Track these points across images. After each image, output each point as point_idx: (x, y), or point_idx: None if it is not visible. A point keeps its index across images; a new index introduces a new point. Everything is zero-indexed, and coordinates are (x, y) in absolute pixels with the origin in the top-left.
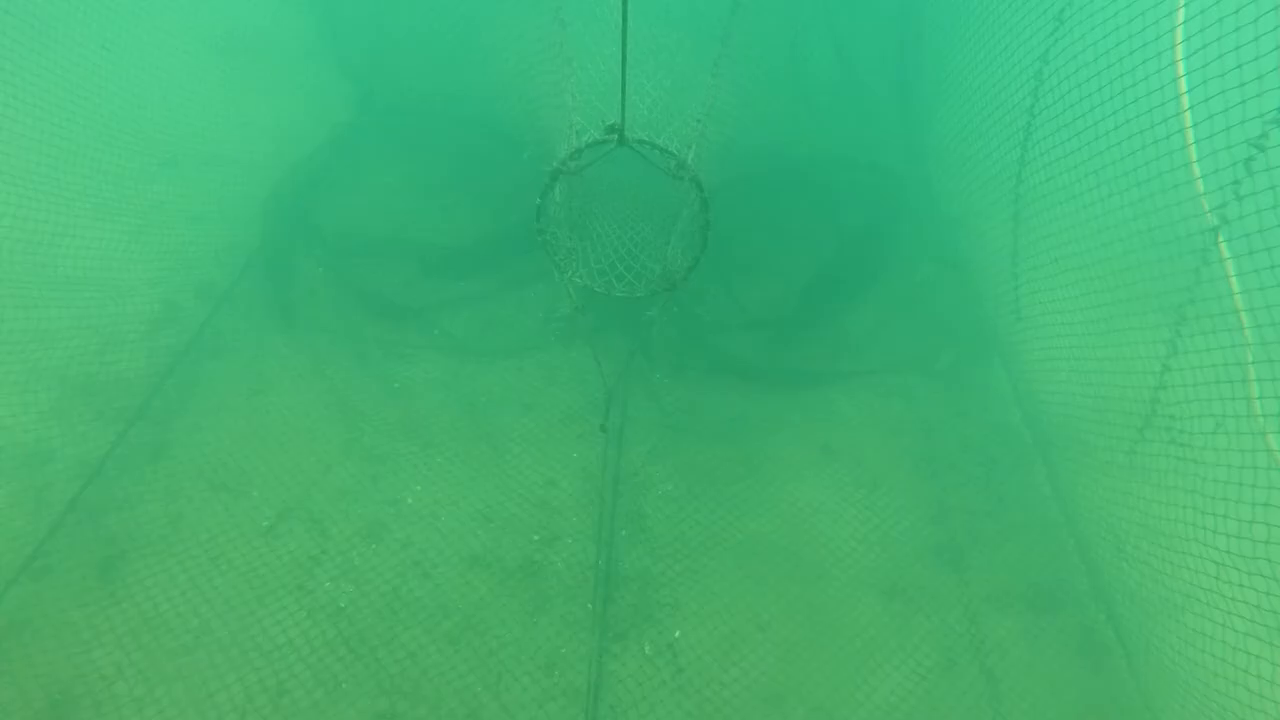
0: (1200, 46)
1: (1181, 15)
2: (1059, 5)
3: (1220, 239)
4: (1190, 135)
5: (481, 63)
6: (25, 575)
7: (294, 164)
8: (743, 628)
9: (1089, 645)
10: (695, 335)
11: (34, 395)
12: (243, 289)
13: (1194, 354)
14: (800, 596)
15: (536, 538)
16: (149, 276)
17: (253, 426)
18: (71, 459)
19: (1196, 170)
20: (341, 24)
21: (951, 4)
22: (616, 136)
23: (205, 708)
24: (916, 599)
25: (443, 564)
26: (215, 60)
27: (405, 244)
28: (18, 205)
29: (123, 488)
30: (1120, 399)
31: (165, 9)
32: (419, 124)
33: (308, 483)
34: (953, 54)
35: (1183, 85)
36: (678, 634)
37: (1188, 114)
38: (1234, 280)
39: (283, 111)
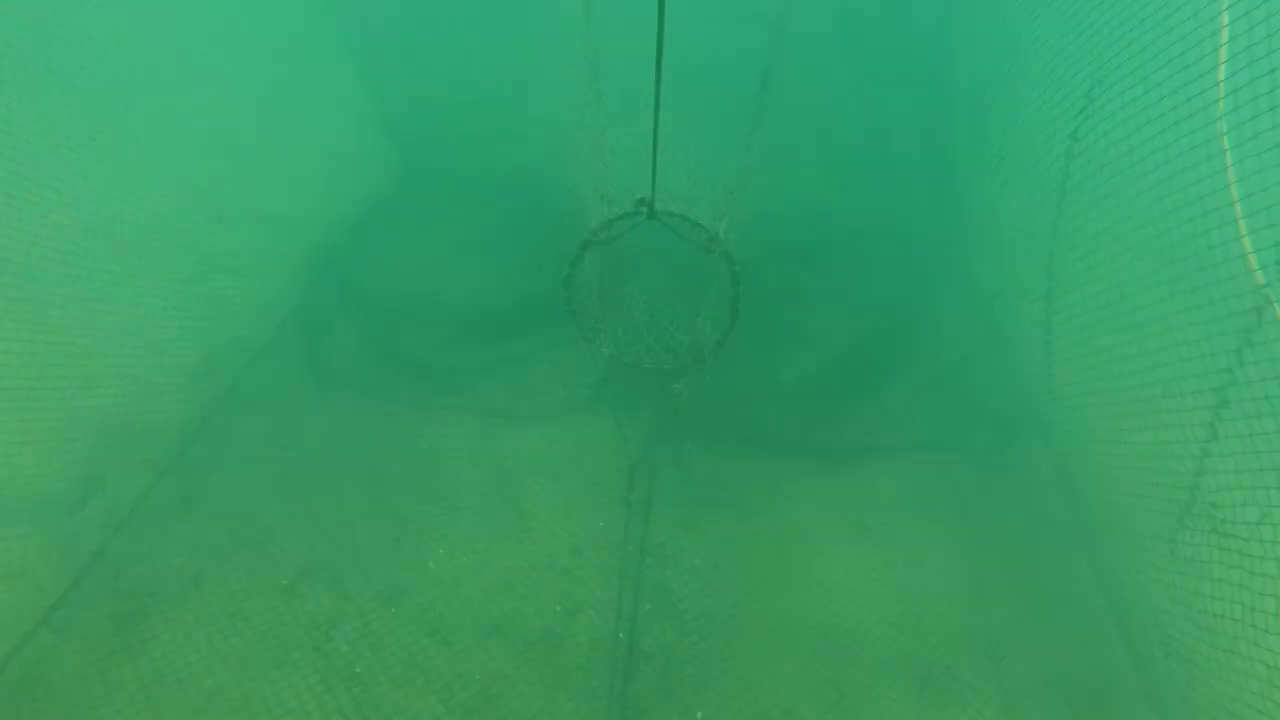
0: (1238, 124)
1: (1222, 90)
2: (1088, 84)
3: (1263, 319)
4: (1237, 210)
5: (520, 132)
6: (45, 627)
7: (335, 223)
8: (768, 711)
9: None
10: (726, 406)
11: (70, 443)
12: (279, 345)
13: (1236, 439)
14: (828, 680)
15: (559, 608)
16: (189, 329)
17: (281, 482)
18: (100, 509)
19: (1247, 244)
20: (388, 89)
21: (983, 78)
22: (647, 210)
23: None
24: (950, 689)
25: (462, 631)
26: (264, 120)
27: (439, 306)
28: (69, 256)
29: (148, 540)
30: (1159, 483)
31: (221, 72)
32: (457, 189)
33: (330, 542)
34: (985, 128)
35: (1228, 159)
36: (700, 715)
37: (1235, 187)
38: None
39: (327, 172)
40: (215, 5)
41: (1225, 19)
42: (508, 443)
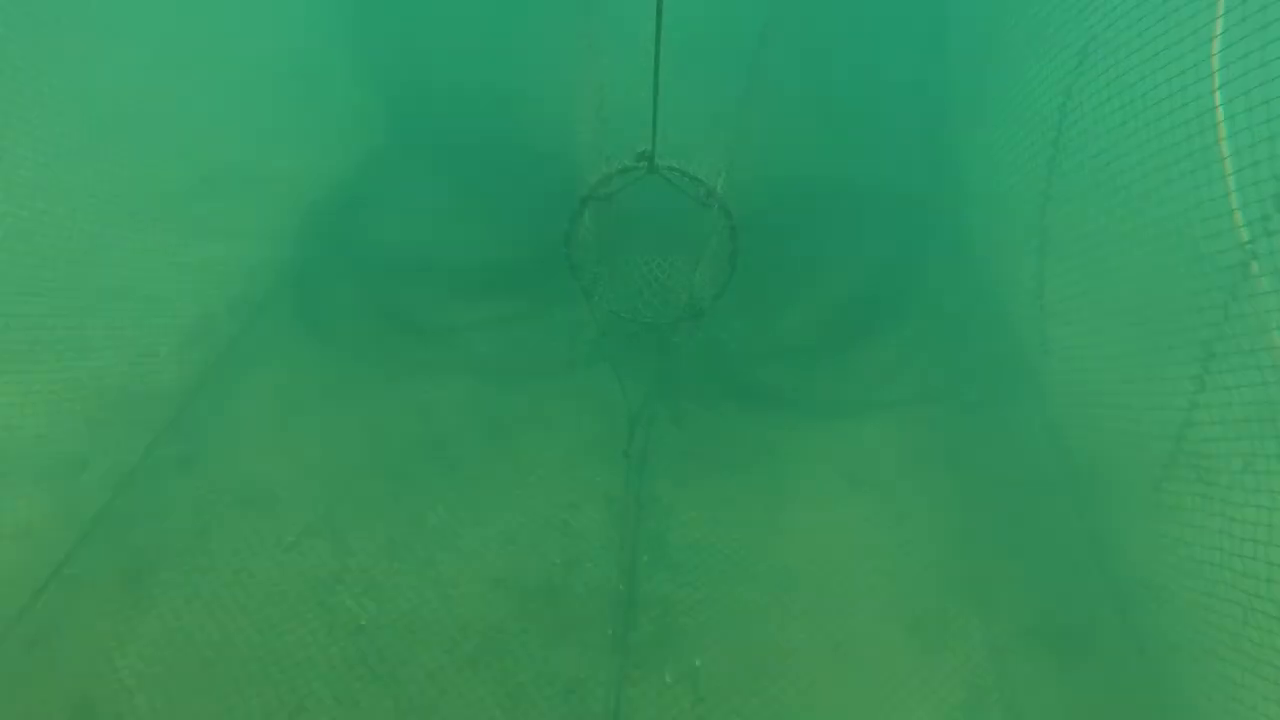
0: (1230, 79)
1: (1217, 45)
2: (1082, 40)
3: (1251, 273)
4: (1226, 166)
5: (516, 88)
6: (54, 583)
7: (329, 183)
8: (765, 658)
9: (1119, 687)
10: (722, 362)
11: (70, 404)
12: (275, 305)
13: (1222, 391)
14: (823, 628)
15: (558, 561)
16: (185, 290)
17: (280, 442)
18: (103, 469)
19: (1234, 202)
20: (379, 48)
21: (978, 36)
22: (646, 164)
23: None
24: (942, 634)
25: (463, 584)
26: (255, 80)
27: (436, 264)
28: (63, 218)
29: (151, 499)
30: (1147, 435)
31: (210, 31)
32: (453, 147)
33: (332, 499)
34: (980, 86)
35: (1219, 116)
36: (699, 662)
37: (1224, 144)
38: (1266, 316)
39: (320, 132)
40: None
41: None
42: (506, 398)
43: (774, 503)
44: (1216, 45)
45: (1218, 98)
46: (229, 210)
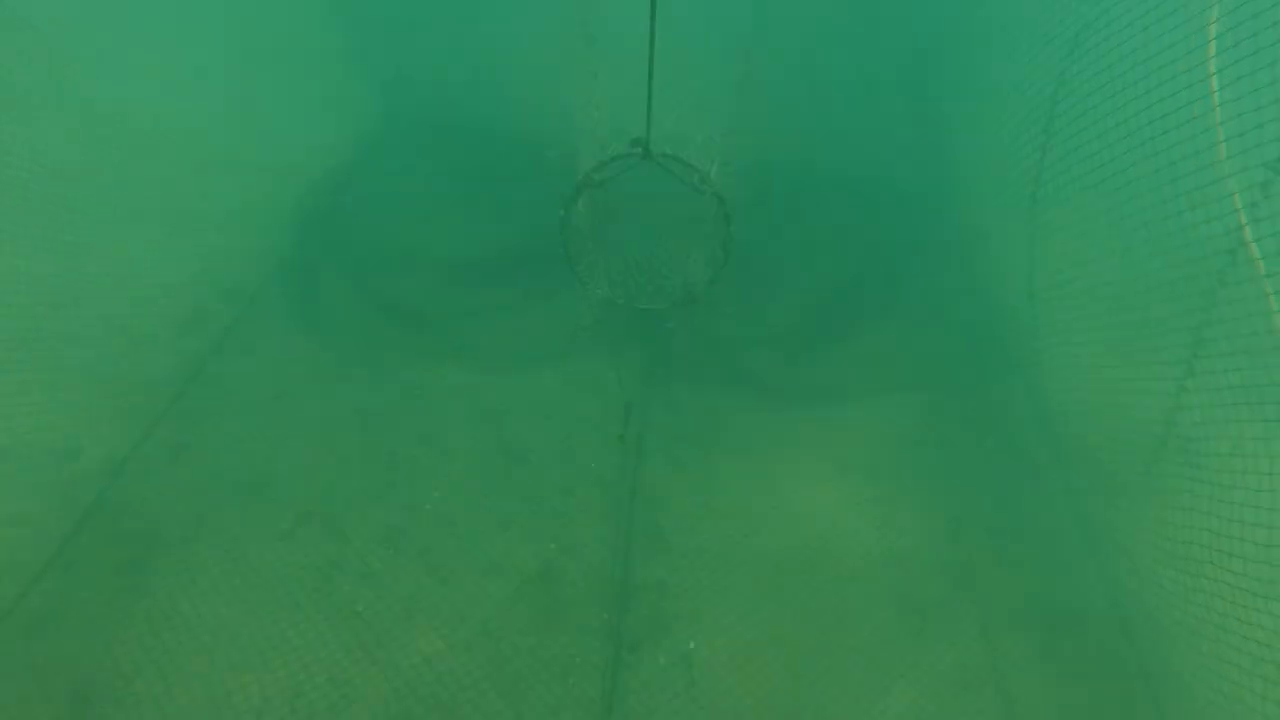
0: (1220, 68)
1: (1213, 30)
2: (1075, 28)
3: (1237, 261)
4: (1222, 151)
5: (510, 76)
6: (51, 570)
7: (323, 173)
8: (758, 641)
9: (1107, 667)
10: (715, 348)
11: (63, 394)
12: (269, 294)
13: (1210, 375)
14: (816, 611)
15: (553, 546)
16: (178, 280)
17: (274, 429)
18: (97, 458)
19: (1223, 189)
20: (371, 36)
21: (971, 25)
22: (641, 150)
23: (222, 707)
24: (932, 617)
25: (460, 570)
26: (248, 69)
27: (429, 253)
28: (54, 207)
29: (146, 487)
30: (1137, 419)
31: (199, 19)
32: (446, 135)
33: (327, 486)
34: (971, 74)
35: (1215, 99)
36: (692, 645)
37: (1220, 128)
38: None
39: (313, 121)
40: None
41: None
42: (500, 385)
43: (766, 487)
44: (1213, 30)
45: (1215, 83)
46: (223, 199)
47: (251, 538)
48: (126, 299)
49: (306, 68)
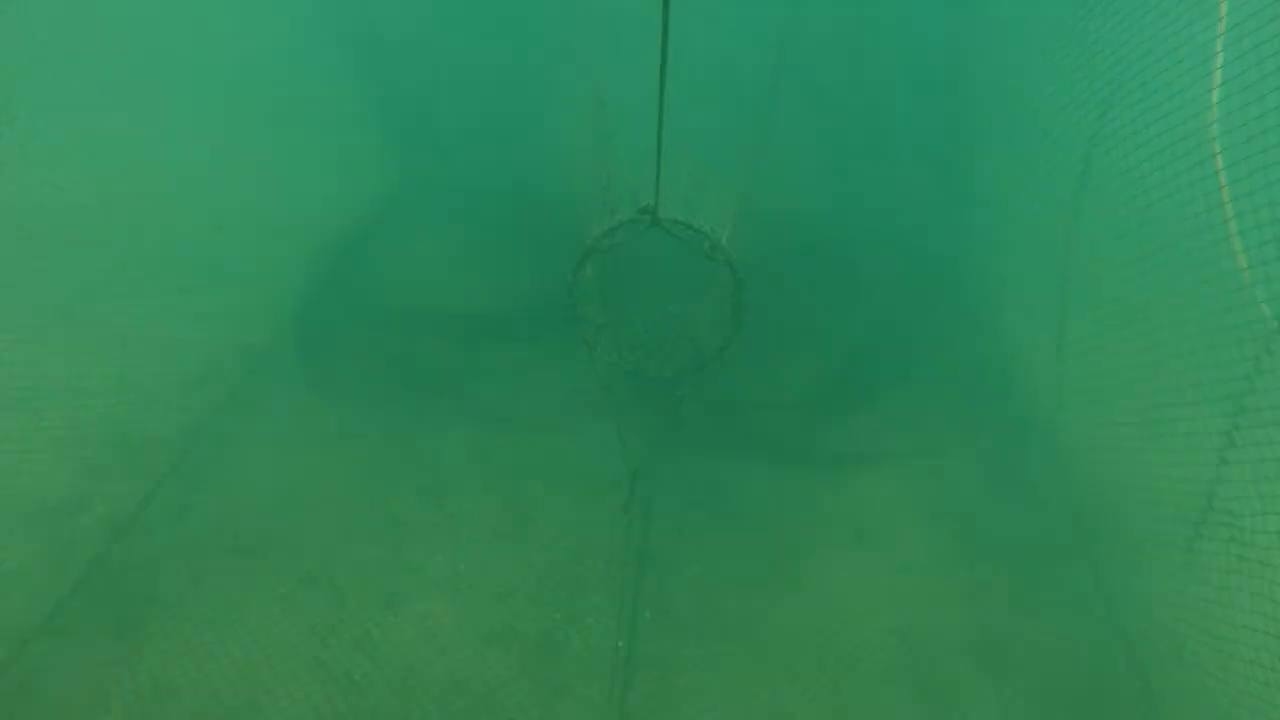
0: (1240, 122)
1: (1215, 96)
2: (1106, 90)
3: None
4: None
5: (523, 138)
6: (43, 633)
7: (336, 231)
8: None
9: None
10: (727, 414)
11: (70, 450)
12: (279, 351)
13: (1254, 447)
14: (828, 690)
15: (558, 616)
16: (188, 336)
17: (279, 489)
18: (100, 516)
19: (1246, 277)
20: (388, 96)
21: (995, 88)
22: (650, 217)
23: None
24: (951, 699)
25: (460, 639)
26: (264, 126)
27: (440, 312)
28: (70, 262)
29: (147, 547)
30: (1173, 492)
31: (220, 77)
32: (459, 196)
33: (330, 549)
34: (998, 133)
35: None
36: None
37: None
38: None
39: (328, 179)
40: (213, 9)
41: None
42: (508, 449)
43: (778, 557)
44: (1215, 96)
45: (1217, 148)
46: (235, 256)
47: (250, 600)
48: (138, 355)
49: (324, 126)
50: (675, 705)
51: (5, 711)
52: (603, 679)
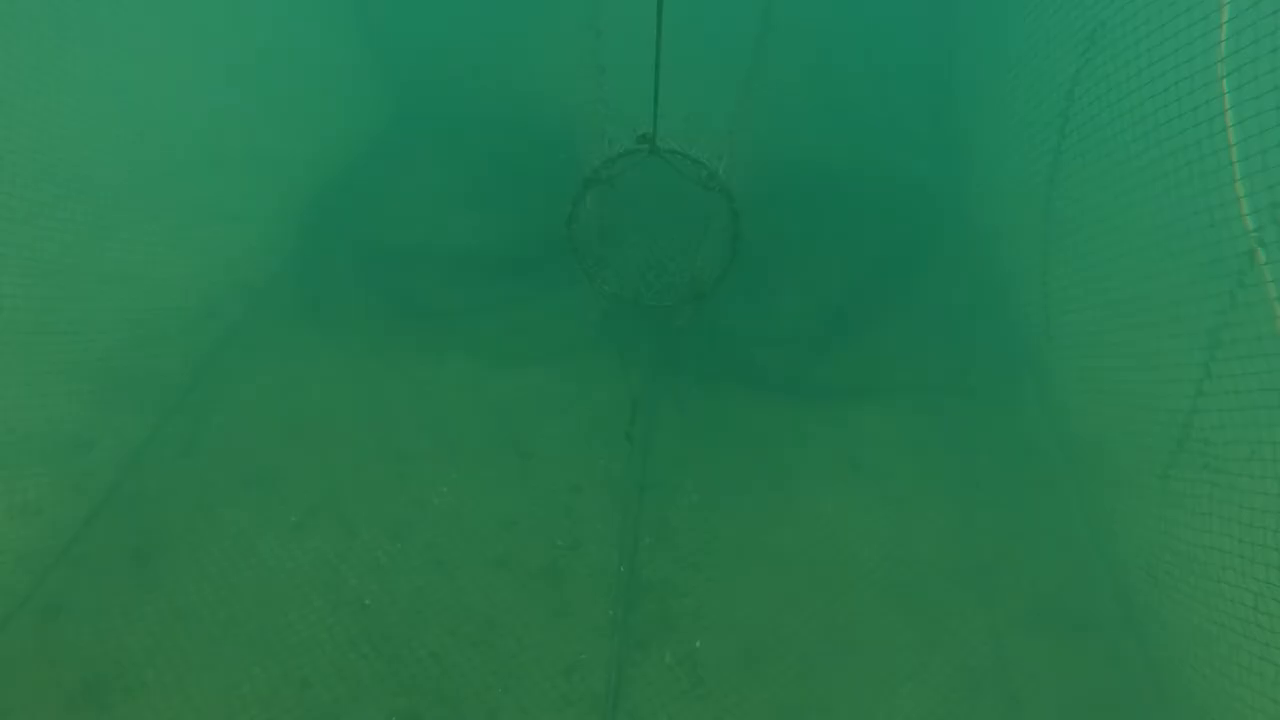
0: (1239, 66)
1: (1224, 32)
2: (1090, 25)
3: (1258, 261)
4: (1233, 154)
5: (518, 71)
6: (64, 561)
7: (335, 167)
8: (764, 640)
9: (1118, 672)
10: (724, 347)
11: (77, 385)
12: (279, 288)
13: (1228, 378)
14: (823, 611)
15: (560, 543)
16: (190, 273)
17: (283, 424)
18: (110, 449)
19: (1239, 190)
20: (382, 32)
21: (984, 20)
22: (648, 146)
23: (230, 698)
24: (941, 618)
25: (467, 565)
26: (262, 64)
27: (439, 248)
28: (69, 202)
29: (158, 479)
30: (1153, 421)
31: (214, 17)
32: (455, 130)
33: (336, 480)
34: (985, 70)
35: (1226, 103)
36: (699, 644)
37: (1232, 131)
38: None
39: (324, 116)
40: None
41: None
42: (508, 381)
43: (775, 486)
44: (1224, 33)
45: (1224, 85)
46: (232, 194)
47: (260, 531)
48: (140, 292)
49: (322, 64)
50: (676, 626)
51: (35, 636)
52: (605, 602)
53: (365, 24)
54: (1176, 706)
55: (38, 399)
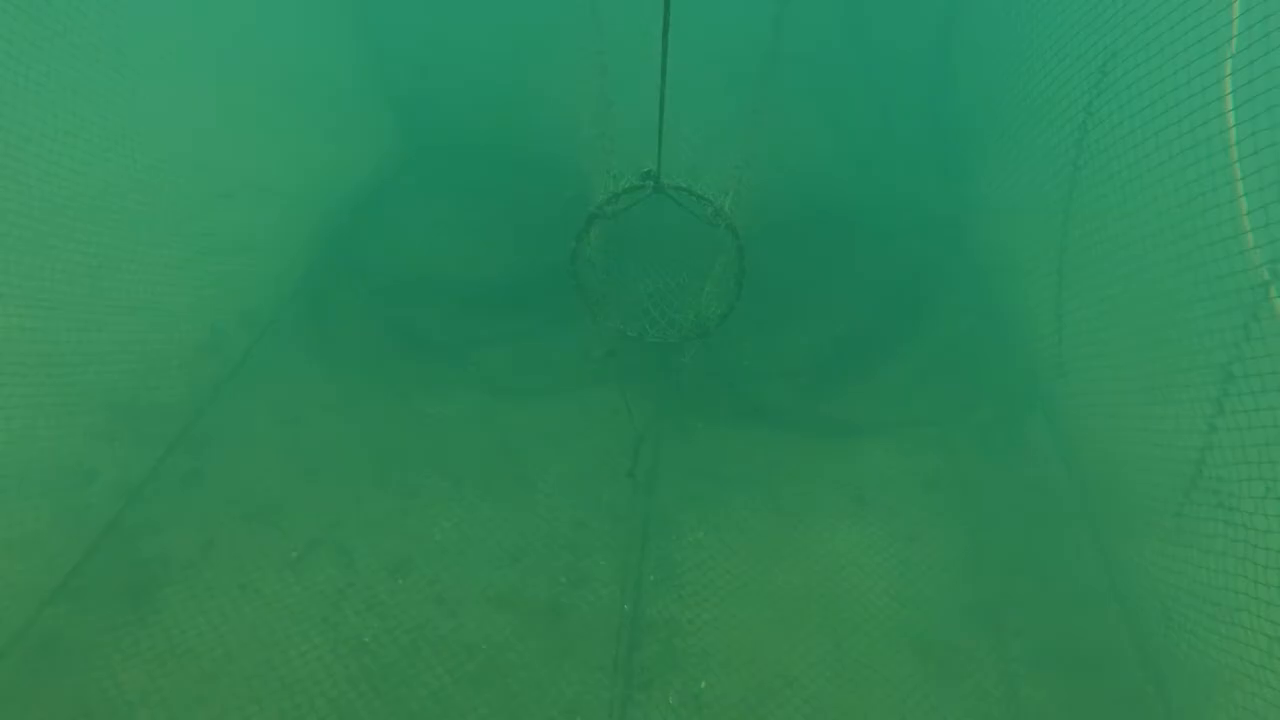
0: (1249, 98)
1: (1229, 67)
2: (1102, 57)
3: (1271, 295)
4: (1240, 189)
5: (525, 105)
6: (61, 595)
7: (340, 198)
8: (770, 681)
9: (1134, 714)
10: (730, 382)
11: (80, 417)
12: (285, 320)
13: (1242, 414)
14: (830, 651)
15: (564, 580)
16: (195, 304)
17: (286, 456)
18: (111, 482)
19: (1246, 224)
20: (391, 64)
21: (993, 53)
22: (653, 183)
23: None
24: (951, 659)
25: (468, 602)
26: (268, 95)
27: (444, 280)
28: (76, 230)
29: (158, 512)
30: (1166, 458)
31: (226, 48)
32: (462, 163)
33: (337, 514)
34: (995, 102)
35: (1233, 136)
36: (704, 685)
37: (1244, 164)
38: None
39: (332, 147)
40: None
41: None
42: (513, 416)
43: (781, 523)
44: (1229, 67)
45: (1231, 118)
46: (240, 225)
47: (260, 565)
48: (146, 323)
49: (330, 97)
50: (682, 666)
51: (27, 670)
52: (609, 641)
53: (373, 58)
54: None
55: (40, 429)
